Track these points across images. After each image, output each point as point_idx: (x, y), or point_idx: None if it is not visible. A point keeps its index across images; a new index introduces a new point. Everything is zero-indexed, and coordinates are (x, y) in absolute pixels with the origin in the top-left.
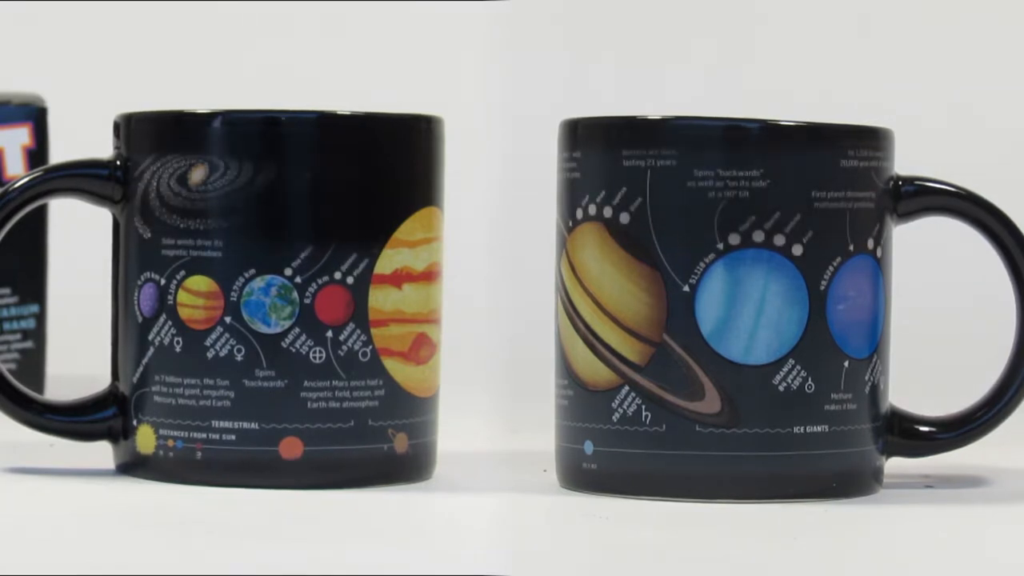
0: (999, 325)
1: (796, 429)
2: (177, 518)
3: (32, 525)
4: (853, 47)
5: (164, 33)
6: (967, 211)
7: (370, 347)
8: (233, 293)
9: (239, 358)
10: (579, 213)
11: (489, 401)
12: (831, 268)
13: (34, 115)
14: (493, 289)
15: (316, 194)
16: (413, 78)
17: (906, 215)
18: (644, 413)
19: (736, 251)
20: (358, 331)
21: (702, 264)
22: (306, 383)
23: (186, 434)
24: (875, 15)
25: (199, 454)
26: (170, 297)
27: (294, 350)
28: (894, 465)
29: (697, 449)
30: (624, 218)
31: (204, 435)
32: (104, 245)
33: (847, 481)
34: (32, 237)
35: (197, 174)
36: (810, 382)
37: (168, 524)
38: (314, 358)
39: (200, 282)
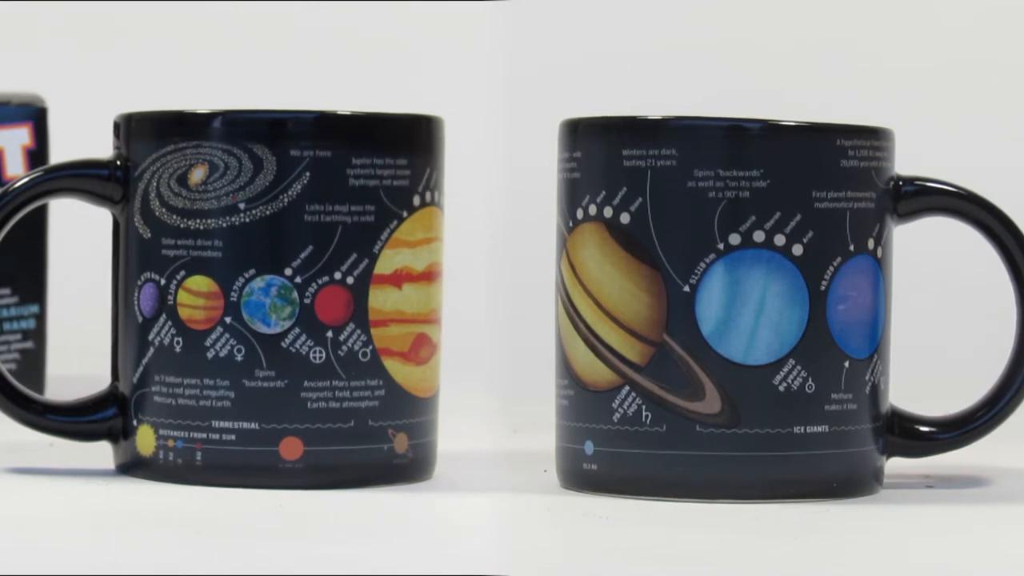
0: (999, 325)
1: (796, 429)
2: (177, 518)
3: (32, 525)
4: (853, 47)
5: (164, 33)
6: (967, 211)
7: (370, 347)
8: (233, 293)
9: (239, 358)
10: (579, 213)
11: (489, 401)
12: (831, 268)
13: (34, 115)
14: (493, 289)
15: (316, 194)
16: (413, 78)
17: (906, 215)
18: (644, 413)
19: (736, 251)
20: (358, 331)
21: (702, 264)
22: (306, 383)
23: (186, 434)
24: (876, 14)
25: (199, 454)
26: (170, 297)
27: (294, 350)
28: (894, 465)
29: (697, 449)
30: (624, 218)
31: (204, 435)
32: (104, 245)
33: (847, 481)
34: (32, 237)
35: (197, 174)
36: (810, 382)
37: (168, 524)
38: (314, 358)
39: (200, 282)
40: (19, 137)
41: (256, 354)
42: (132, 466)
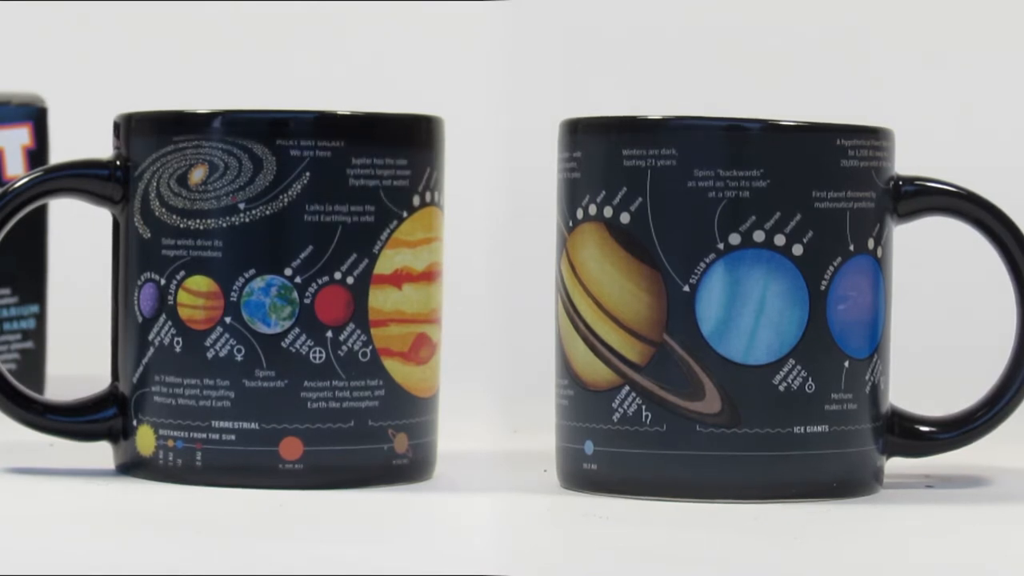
0: (999, 325)
1: (796, 429)
2: (177, 518)
3: (32, 525)
4: (853, 47)
5: (164, 33)
6: (967, 211)
7: (370, 347)
8: (233, 293)
9: (239, 358)
10: (579, 213)
11: (489, 401)
12: (831, 268)
13: (34, 115)
14: (493, 289)
15: (316, 194)
16: (414, 78)
17: (906, 215)
18: (644, 413)
19: (736, 251)
20: (358, 331)
21: (702, 264)
22: (306, 383)
23: (186, 434)
24: (875, 15)
25: (199, 454)
26: (170, 297)
27: (294, 350)
28: (894, 465)
29: (697, 449)
30: (624, 218)
31: (204, 435)
32: (104, 245)
33: (847, 481)
34: (32, 237)
35: (197, 174)
36: (810, 382)
37: (168, 524)
38: (314, 358)
39: (200, 282)
40: (19, 137)
41: (256, 354)
42: (132, 466)
